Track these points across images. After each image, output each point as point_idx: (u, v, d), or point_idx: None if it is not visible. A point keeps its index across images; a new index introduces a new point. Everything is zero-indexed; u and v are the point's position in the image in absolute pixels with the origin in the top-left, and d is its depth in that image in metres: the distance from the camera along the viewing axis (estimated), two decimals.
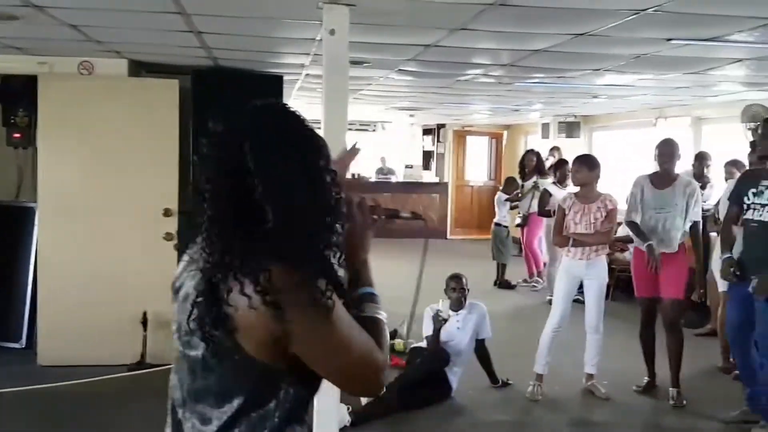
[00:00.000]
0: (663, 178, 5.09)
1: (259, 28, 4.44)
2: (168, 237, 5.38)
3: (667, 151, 5.09)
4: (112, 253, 5.45)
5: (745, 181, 4.57)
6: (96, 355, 5.29)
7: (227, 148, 1.35)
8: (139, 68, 5.94)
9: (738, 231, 4.62)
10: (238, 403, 1.37)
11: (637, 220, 5.09)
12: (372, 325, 1.46)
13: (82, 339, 5.33)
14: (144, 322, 5.37)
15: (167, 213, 5.45)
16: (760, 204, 4.31)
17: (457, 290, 5.23)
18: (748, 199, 4.38)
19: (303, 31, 4.39)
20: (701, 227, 5.28)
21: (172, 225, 5.43)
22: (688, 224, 5.02)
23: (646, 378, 5.26)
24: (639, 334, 5.26)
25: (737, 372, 5.19)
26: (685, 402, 4.97)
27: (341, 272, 1.50)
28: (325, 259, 1.38)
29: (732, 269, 4.44)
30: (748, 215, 4.38)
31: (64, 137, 5.45)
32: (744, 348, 4.48)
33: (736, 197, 4.56)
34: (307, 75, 6.44)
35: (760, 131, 4.50)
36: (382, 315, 1.52)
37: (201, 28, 4.39)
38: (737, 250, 4.54)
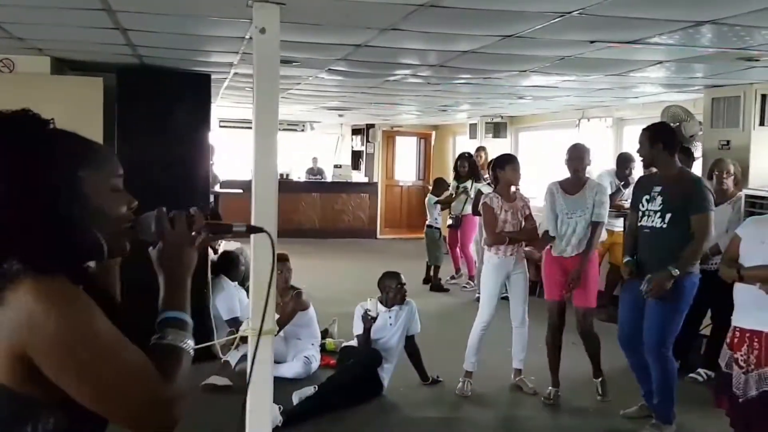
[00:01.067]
0: (573, 184, 5.18)
1: (187, 25, 4.34)
2: None
3: (575, 155, 5.18)
4: None
5: (639, 188, 4.65)
6: None
7: None
8: (62, 66, 5.75)
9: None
10: None
11: (552, 232, 5.16)
12: (165, 354, 1.31)
13: None
14: None
15: None
16: (652, 210, 4.39)
17: (395, 288, 5.27)
18: (642, 206, 4.45)
19: (232, 29, 4.32)
20: (601, 229, 5.27)
21: None
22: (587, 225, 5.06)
23: (550, 387, 5.16)
24: (546, 338, 5.24)
25: None
26: (609, 397, 5.10)
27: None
28: (77, 268, 1.28)
29: (629, 271, 4.53)
30: (642, 222, 4.44)
31: None
32: (635, 347, 4.55)
33: (633, 203, 4.64)
34: (235, 74, 6.34)
35: (638, 140, 4.52)
36: (186, 344, 1.35)
37: (126, 25, 4.27)
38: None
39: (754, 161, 5.85)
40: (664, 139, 4.40)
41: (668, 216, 4.31)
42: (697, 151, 6.50)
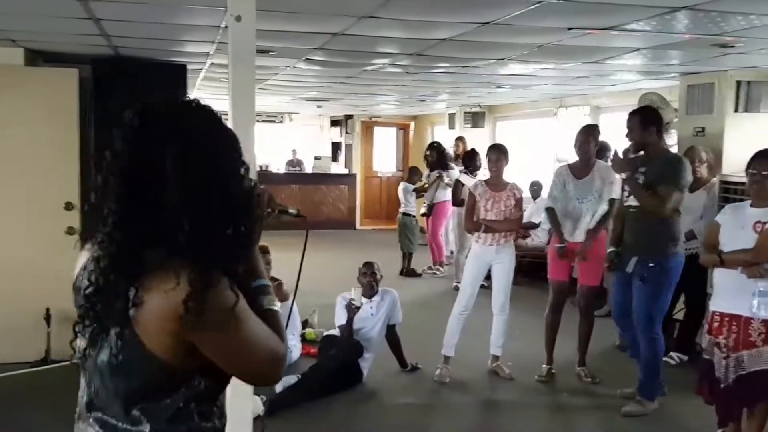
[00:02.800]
0: (581, 167, 5.22)
1: (161, 14, 4.30)
2: (70, 231, 5.18)
3: (583, 138, 5.23)
4: (12, 248, 5.25)
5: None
6: None
7: (145, 146, 1.34)
8: (36, 57, 5.66)
9: None
10: (145, 401, 1.37)
11: (556, 206, 5.23)
12: (271, 318, 1.47)
13: None
14: (47, 318, 5.20)
15: (68, 207, 5.27)
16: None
17: (368, 275, 5.27)
18: (627, 187, 4.60)
19: (207, 17, 4.28)
20: (615, 208, 5.31)
21: (74, 219, 5.24)
22: (606, 205, 5.11)
23: (545, 365, 5.32)
24: (545, 315, 5.38)
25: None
26: (598, 379, 5.18)
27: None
28: (233, 259, 1.39)
29: (613, 260, 4.68)
30: (628, 201, 4.60)
31: None
32: (629, 324, 4.72)
33: (621, 185, 4.78)
34: (212, 64, 6.29)
35: (627, 125, 4.63)
36: (277, 305, 1.52)
37: (100, 15, 4.21)
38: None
39: (728, 147, 5.92)
40: (656, 123, 4.55)
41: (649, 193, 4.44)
42: (673, 137, 6.56)
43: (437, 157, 9.16)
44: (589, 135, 5.27)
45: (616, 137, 7.73)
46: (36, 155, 5.27)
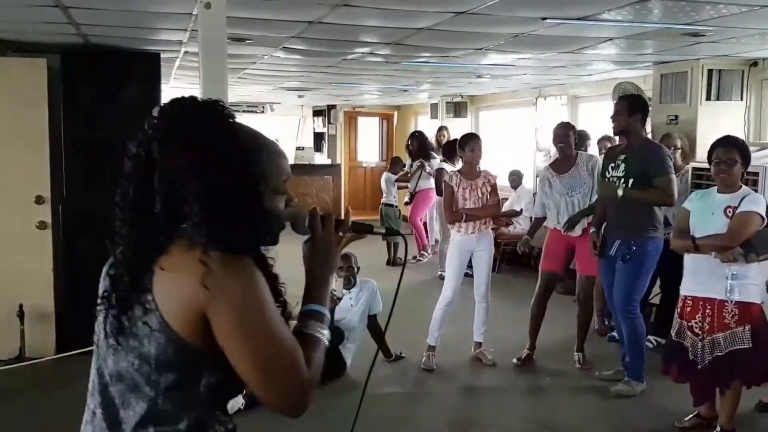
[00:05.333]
0: (563, 163, 5.29)
1: (131, 1, 4.24)
2: (41, 225, 5.13)
3: (559, 133, 5.30)
4: None
5: (607, 157, 4.87)
6: None
7: (157, 146, 1.37)
8: (3, 47, 5.55)
9: None
10: (165, 384, 1.35)
11: (541, 213, 5.35)
12: (309, 342, 1.44)
13: None
14: (20, 316, 5.12)
15: (39, 200, 5.19)
16: (616, 177, 4.60)
17: (345, 269, 5.27)
18: (608, 173, 4.68)
19: (178, 4, 4.21)
20: None
21: (45, 213, 5.17)
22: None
23: (526, 351, 5.40)
24: (532, 304, 5.43)
25: (612, 334, 5.59)
26: (590, 366, 5.23)
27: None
28: (257, 251, 1.41)
29: (595, 241, 4.78)
30: (612, 183, 4.65)
31: None
32: None
33: (602, 171, 4.86)
34: (186, 52, 6.22)
35: (614, 109, 4.73)
36: (324, 335, 1.48)
37: (67, 2, 4.14)
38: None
39: (701, 135, 5.97)
40: (642, 110, 4.65)
41: (630, 181, 4.51)
42: (647, 125, 6.60)
43: (418, 147, 9.17)
44: (567, 130, 5.34)
45: (594, 126, 7.84)
46: (4, 148, 5.17)
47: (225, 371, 1.36)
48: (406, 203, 9.42)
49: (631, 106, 4.62)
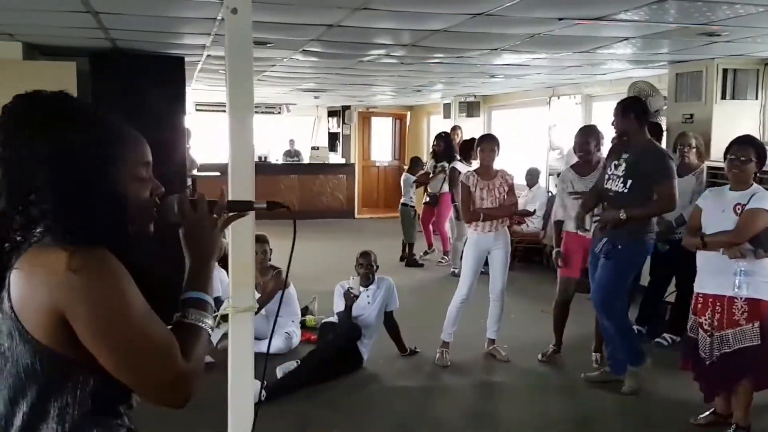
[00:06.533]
0: (585, 165, 5.32)
1: (158, 7, 4.37)
2: None
3: (580, 139, 5.34)
4: None
5: (611, 153, 4.89)
6: None
7: (1, 140, 1.31)
8: (34, 51, 5.73)
9: None
10: (33, 396, 1.27)
11: (562, 216, 5.33)
12: (187, 332, 1.37)
13: None
14: None
15: None
16: (616, 175, 4.63)
17: (365, 266, 5.37)
18: (610, 170, 4.70)
19: (203, 10, 4.35)
20: None
21: None
22: None
23: (552, 347, 5.47)
24: (554, 306, 5.50)
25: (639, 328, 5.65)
26: (607, 369, 5.20)
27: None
28: (118, 243, 1.31)
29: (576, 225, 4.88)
30: (608, 185, 4.70)
31: None
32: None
33: (604, 166, 4.88)
34: (208, 56, 6.36)
35: (613, 113, 4.72)
36: (206, 324, 1.41)
37: (98, 8, 4.28)
38: None
39: (716, 134, 6.02)
40: (635, 109, 4.63)
41: (629, 182, 4.54)
42: (662, 124, 6.66)
43: (445, 147, 9.20)
44: (588, 136, 5.35)
45: (608, 125, 7.88)
46: None
47: (102, 375, 1.27)
48: (426, 203, 9.45)
49: (624, 108, 4.64)
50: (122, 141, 1.38)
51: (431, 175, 9.28)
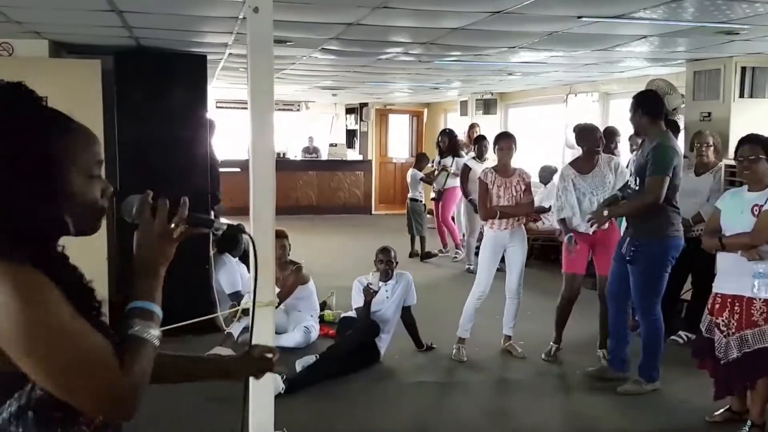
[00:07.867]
0: (586, 162, 5.30)
1: (181, 6, 4.45)
2: None
3: (582, 135, 5.30)
4: None
5: (636, 152, 4.94)
6: None
7: None
8: (60, 49, 5.83)
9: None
10: None
11: (565, 214, 5.28)
12: (128, 344, 1.28)
13: None
14: None
15: None
16: (631, 171, 4.67)
17: (385, 262, 5.43)
18: (631, 167, 4.74)
19: (225, 9, 4.43)
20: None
21: None
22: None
23: (554, 345, 5.44)
24: (558, 303, 5.46)
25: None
26: (605, 362, 5.22)
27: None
28: (40, 251, 1.23)
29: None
30: (629, 181, 4.73)
31: None
32: (618, 301, 4.83)
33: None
34: (230, 54, 6.45)
35: (629, 111, 4.70)
36: (149, 334, 1.31)
37: (122, 6, 4.36)
38: None
39: (734, 132, 5.98)
40: (644, 105, 4.60)
41: (638, 179, 4.57)
42: (680, 122, 6.65)
43: (449, 143, 9.29)
44: (591, 134, 5.28)
45: (625, 122, 7.88)
46: None
47: (42, 391, 1.21)
48: (433, 199, 9.56)
49: (633, 105, 4.62)
50: (77, 138, 1.33)
51: (435, 173, 9.35)
